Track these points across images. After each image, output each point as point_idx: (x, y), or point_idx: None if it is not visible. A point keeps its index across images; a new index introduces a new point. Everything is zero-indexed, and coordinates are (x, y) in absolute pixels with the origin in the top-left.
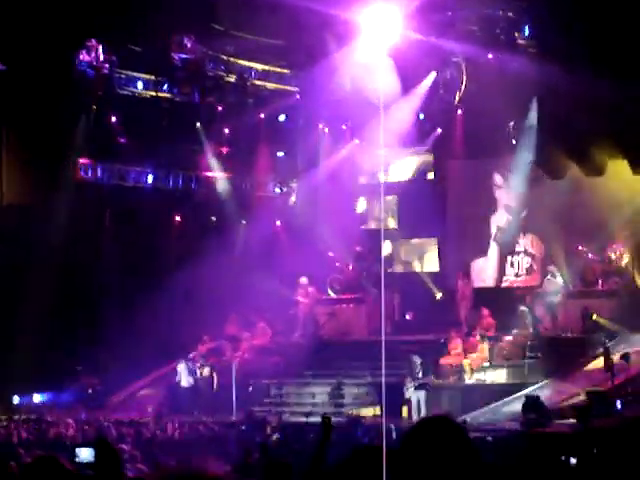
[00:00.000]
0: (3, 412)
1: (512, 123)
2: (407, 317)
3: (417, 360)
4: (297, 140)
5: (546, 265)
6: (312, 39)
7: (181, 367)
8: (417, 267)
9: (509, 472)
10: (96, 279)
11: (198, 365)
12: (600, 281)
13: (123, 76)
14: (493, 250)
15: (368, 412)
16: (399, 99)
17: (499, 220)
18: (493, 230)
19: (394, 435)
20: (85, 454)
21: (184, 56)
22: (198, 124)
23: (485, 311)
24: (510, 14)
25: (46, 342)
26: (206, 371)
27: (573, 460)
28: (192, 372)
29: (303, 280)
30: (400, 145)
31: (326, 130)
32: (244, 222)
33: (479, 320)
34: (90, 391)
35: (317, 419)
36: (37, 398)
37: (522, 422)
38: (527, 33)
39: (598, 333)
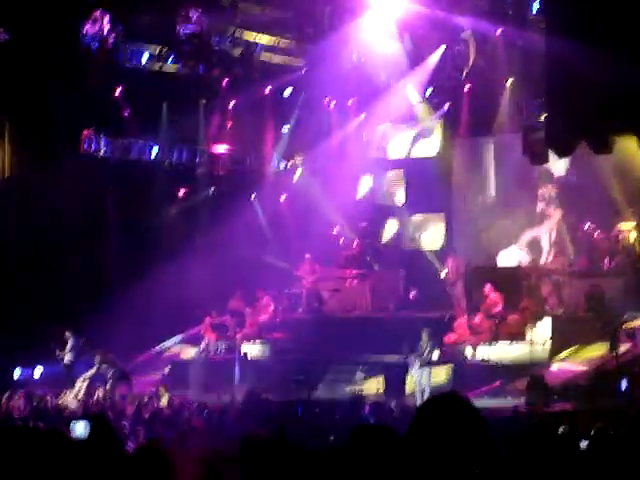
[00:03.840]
0: (4, 386)
1: (521, 100)
2: (411, 294)
3: (425, 337)
4: (303, 115)
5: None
6: (320, 12)
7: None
8: (423, 244)
9: (511, 452)
10: (100, 251)
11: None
12: (607, 260)
13: (128, 48)
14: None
15: (371, 388)
16: (407, 74)
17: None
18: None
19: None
20: (80, 429)
21: (190, 29)
22: (203, 98)
23: (489, 287)
24: None
25: (48, 315)
26: None
27: (584, 443)
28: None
29: (307, 256)
30: (407, 120)
31: (332, 105)
32: (253, 196)
33: (483, 298)
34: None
35: (320, 395)
36: (38, 371)
37: (526, 402)
38: (536, 8)
39: (603, 312)
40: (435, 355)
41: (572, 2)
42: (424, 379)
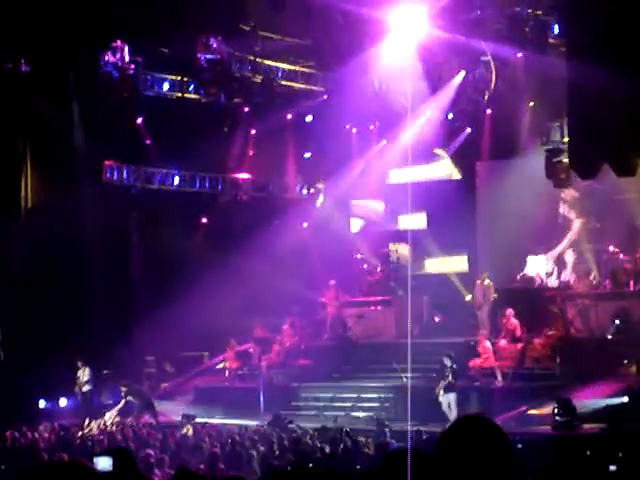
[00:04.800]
0: (29, 417)
1: (542, 122)
2: (436, 319)
3: (448, 362)
4: (324, 141)
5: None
6: (340, 39)
7: (85, 372)
8: (446, 268)
9: (540, 476)
10: (123, 280)
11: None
12: (631, 282)
13: (149, 77)
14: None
15: (397, 413)
16: (428, 99)
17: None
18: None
19: (423, 437)
20: (103, 463)
21: (210, 57)
22: (225, 126)
23: (509, 312)
24: (539, 12)
25: (72, 344)
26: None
27: (613, 467)
28: (92, 380)
29: (332, 283)
30: (428, 145)
31: (354, 131)
32: (277, 222)
33: (504, 321)
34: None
35: (345, 421)
36: (63, 402)
37: (553, 425)
38: (556, 31)
39: (631, 335)
40: (455, 380)
41: (592, 24)
42: (450, 404)
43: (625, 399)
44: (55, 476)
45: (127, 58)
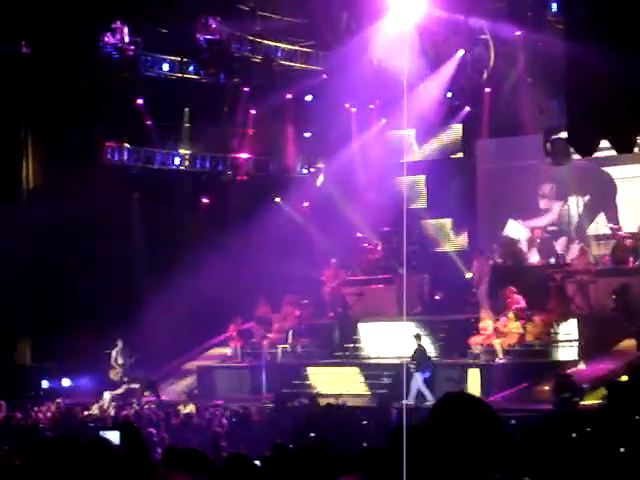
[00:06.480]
0: (32, 396)
1: (541, 100)
2: (437, 297)
3: (414, 341)
4: (324, 120)
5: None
6: (339, 18)
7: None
8: (447, 246)
9: (538, 451)
10: (125, 260)
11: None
12: (631, 259)
13: (149, 58)
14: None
15: (397, 392)
16: (427, 77)
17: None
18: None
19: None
20: (111, 438)
21: (209, 37)
22: (225, 106)
23: (512, 289)
24: None
25: (77, 325)
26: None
27: (622, 449)
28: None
29: (333, 261)
30: (428, 124)
31: (353, 110)
32: (278, 199)
33: (506, 299)
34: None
35: (347, 400)
36: (66, 382)
37: (554, 402)
38: (555, 9)
39: (631, 310)
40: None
41: (590, 1)
42: (416, 382)
43: (625, 376)
44: (72, 450)
45: (127, 39)
